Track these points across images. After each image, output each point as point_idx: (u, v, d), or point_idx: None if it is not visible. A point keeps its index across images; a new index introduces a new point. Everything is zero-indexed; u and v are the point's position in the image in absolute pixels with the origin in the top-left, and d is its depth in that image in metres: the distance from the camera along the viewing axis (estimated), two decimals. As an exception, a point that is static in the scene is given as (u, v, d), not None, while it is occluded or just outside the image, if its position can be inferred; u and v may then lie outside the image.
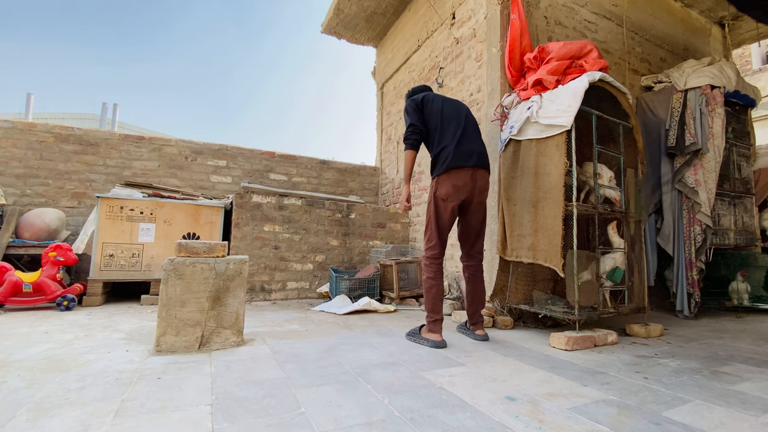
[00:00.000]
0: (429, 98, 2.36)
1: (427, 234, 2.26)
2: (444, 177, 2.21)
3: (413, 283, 3.83)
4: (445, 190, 2.19)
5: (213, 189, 4.50)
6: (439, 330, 2.13)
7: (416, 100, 2.35)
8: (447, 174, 2.20)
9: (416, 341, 2.14)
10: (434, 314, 2.16)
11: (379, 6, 4.73)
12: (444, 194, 2.19)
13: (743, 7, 3.06)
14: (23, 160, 3.81)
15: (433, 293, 2.19)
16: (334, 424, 1.15)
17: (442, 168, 2.21)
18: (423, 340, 2.12)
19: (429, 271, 2.22)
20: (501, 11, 3.05)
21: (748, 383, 1.60)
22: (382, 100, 5.43)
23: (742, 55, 9.25)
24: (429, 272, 2.22)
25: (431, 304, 2.18)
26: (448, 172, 2.20)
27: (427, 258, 2.23)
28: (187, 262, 1.94)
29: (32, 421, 1.13)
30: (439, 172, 2.22)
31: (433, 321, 2.15)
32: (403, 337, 2.30)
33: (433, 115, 2.31)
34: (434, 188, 2.23)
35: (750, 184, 3.66)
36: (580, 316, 2.23)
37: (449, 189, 2.18)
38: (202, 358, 1.79)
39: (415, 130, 2.27)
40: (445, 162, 2.21)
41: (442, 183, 2.21)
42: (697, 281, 3.17)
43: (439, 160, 2.25)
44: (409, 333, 2.24)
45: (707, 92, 3.25)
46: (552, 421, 1.21)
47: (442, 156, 2.23)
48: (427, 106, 2.33)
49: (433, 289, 2.19)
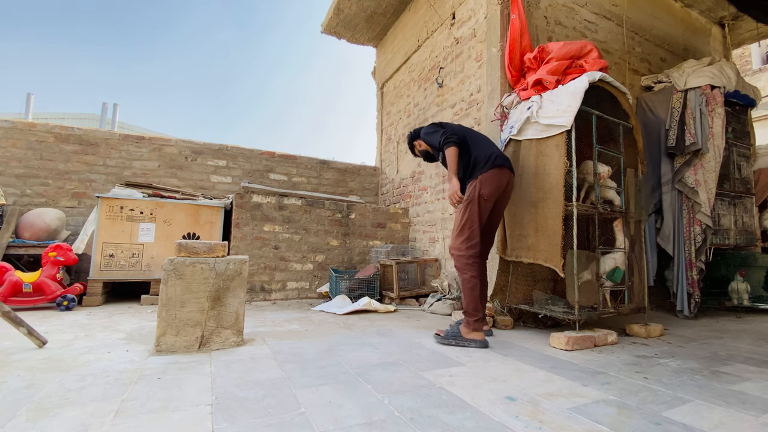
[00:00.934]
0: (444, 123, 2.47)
1: (465, 233, 2.21)
2: (489, 175, 2.21)
3: (413, 283, 3.83)
4: (489, 190, 2.20)
5: (213, 189, 4.50)
6: (482, 328, 2.13)
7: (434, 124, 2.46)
8: (492, 172, 2.22)
9: (459, 344, 2.09)
10: (478, 313, 2.13)
11: (379, 6, 4.73)
12: (488, 194, 2.20)
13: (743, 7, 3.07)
14: (23, 160, 3.81)
15: (477, 291, 2.16)
16: (334, 424, 1.15)
17: (486, 166, 2.22)
18: (469, 342, 2.08)
19: (472, 269, 2.17)
20: (501, 11, 3.05)
21: (748, 383, 1.60)
22: (382, 100, 5.43)
23: (742, 55, 9.25)
24: (473, 271, 2.17)
25: (475, 302, 2.14)
26: (493, 170, 2.22)
27: (470, 257, 2.18)
28: (187, 262, 1.94)
29: (32, 421, 1.13)
30: (484, 170, 2.22)
31: (478, 320, 2.12)
32: (403, 336, 2.29)
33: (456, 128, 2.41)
34: (478, 187, 2.21)
35: (750, 184, 3.65)
36: (580, 316, 2.23)
37: (492, 189, 2.21)
38: (202, 358, 1.79)
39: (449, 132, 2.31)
40: (488, 161, 2.23)
41: (486, 182, 2.21)
42: (697, 281, 3.17)
43: (479, 161, 2.26)
44: (447, 336, 2.15)
45: (707, 92, 3.25)
46: (552, 421, 1.21)
47: (482, 157, 2.26)
48: (446, 125, 2.42)
49: (478, 287, 2.16)
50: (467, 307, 2.16)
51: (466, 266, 2.19)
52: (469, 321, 2.13)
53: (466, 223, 2.21)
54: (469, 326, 2.13)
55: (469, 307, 2.15)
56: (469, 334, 2.11)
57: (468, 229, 2.21)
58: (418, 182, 4.27)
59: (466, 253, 2.19)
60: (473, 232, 2.20)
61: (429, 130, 2.46)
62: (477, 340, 2.07)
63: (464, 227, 2.22)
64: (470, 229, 2.20)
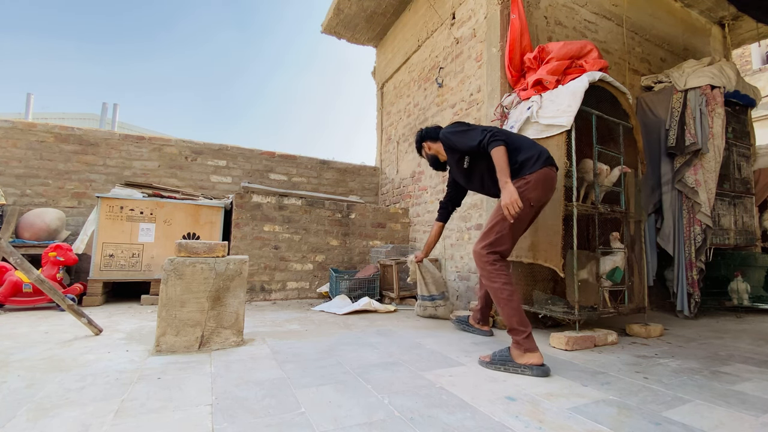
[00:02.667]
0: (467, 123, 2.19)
1: (491, 237, 1.87)
2: (540, 176, 1.88)
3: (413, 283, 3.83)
4: (538, 194, 1.88)
5: (213, 189, 4.50)
6: (537, 347, 1.71)
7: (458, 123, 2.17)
8: (544, 172, 1.90)
9: (510, 370, 1.68)
10: (527, 326, 1.74)
11: (379, 6, 4.73)
12: (536, 198, 1.88)
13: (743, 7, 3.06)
14: (23, 160, 3.81)
15: (516, 301, 1.78)
16: (334, 424, 1.15)
17: (537, 164, 1.89)
18: (524, 368, 1.66)
19: (502, 276, 1.82)
20: (501, 11, 3.05)
21: (748, 383, 1.60)
22: (382, 100, 5.43)
23: (742, 55, 9.25)
24: (503, 277, 1.82)
25: (518, 315, 1.75)
26: (544, 170, 1.90)
27: (495, 262, 1.85)
28: (187, 262, 1.94)
29: (32, 421, 1.13)
30: (533, 169, 1.89)
31: (528, 335, 1.71)
32: (403, 336, 2.29)
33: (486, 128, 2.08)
34: (522, 189, 1.86)
35: (750, 184, 3.65)
36: (580, 316, 2.23)
37: (541, 193, 1.90)
38: (202, 358, 1.79)
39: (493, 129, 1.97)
40: (537, 160, 1.91)
41: (536, 184, 1.88)
42: (697, 281, 3.17)
43: (528, 159, 1.92)
44: (495, 361, 1.74)
45: (707, 92, 3.25)
46: (552, 421, 1.21)
47: (531, 154, 1.93)
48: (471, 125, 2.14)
49: (515, 294, 1.80)
50: (509, 321, 1.75)
51: (495, 273, 1.84)
52: (518, 341, 1.71)
53: (496, 227, 1.88)
54: (520, 347, 1.70)
55: (513, 321, 1.74)
56: (522, 357, 1.68)
57: (495, 233, 1.87)
58: (418, 182, 4.27)
59: (490, 259, 1.86)
60: (501, 239, 1.87)
61: (457, 129, 2.10)
62: (534, 366, 1.64)
63: (491, 230, 1.89)
64: (498, 234, 1.87)
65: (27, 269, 1.88)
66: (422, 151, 2.44)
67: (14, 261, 1.82)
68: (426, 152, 2.41)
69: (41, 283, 1.99)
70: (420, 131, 2.39)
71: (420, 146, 2.43)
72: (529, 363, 1.66)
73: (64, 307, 2.05)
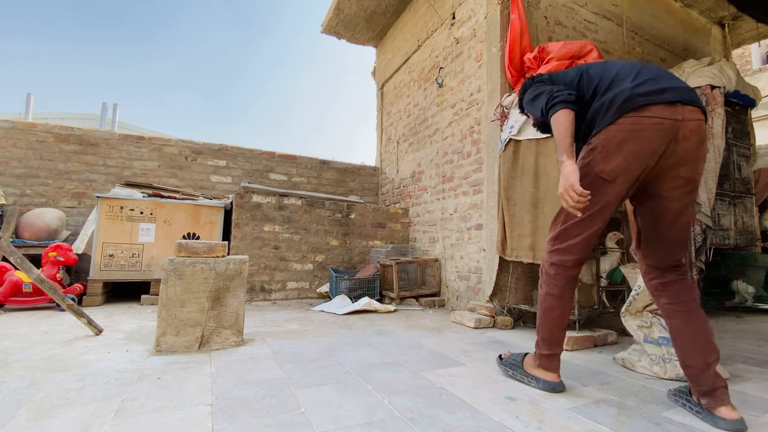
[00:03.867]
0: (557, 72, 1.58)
1: (557, 228, 1.46)
2: (612, 133, 1.29)
3: (413, 283, 3.83)
4: (615, 163, 1.29)
5: (213, 189, 4.50)
6: (556, 368, 1.49)
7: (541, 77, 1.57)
8: (618, 126, 1.28)
9: (516, 376, 1.57)
10: (552, 347, 1.48)
11: (379, 6, 4.73)
12: (613, 169, 1.29)
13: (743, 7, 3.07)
14: (23, 160, 3.81)
15: (555, 316, 1.46)
16: (334, 424, 1.15)
17: (604, 119, 1.31)
18: (530, 378, 1.51)
19: (550, 284, 1.47)
20: (501, 11, 3.05)
21: (748, 383, 1.60)
22: (382, 100, 5.43)
23: (742, 55, 9.25)
24: (550, 286, 1.47)
25: (549, 331, 1.48)
26: (620, 121, 1.27)
27: (553, 264, 1.46)
28: (187, 262, 1.94)
29: (32, 421, 1.13)
30: (601, 125, 1.32)
31: (549, 356, 1.49)
32: (403, 336, 2.29)
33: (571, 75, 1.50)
34: (593, 158, 1.33)
35: (750, 184, 3.65)
36: (580, 316, 2.23)
37: (622, 159, 1.28)
38: (202, 358, 1.79)
39: (556, 88, 1.41)
40: (610, 107, 1.30)
41: (603, 152, 1.31)
42: (697, 281, 3.17)
43: (598, 110, 1.34)
44: (508, 363, 1.63)
45: (707, 92, 3.24)
46: (552, 421, 1.21)
47: (604, 100, 1.34)
48: (559, 76, 1.54)
49: (557, 311, 1.46)
50: (538, 333, 1.53)
51: (546, 277, 1.50)
52: (539, 354, 1.52)
53: (561, 213, 1.45)
54: (535, 360, 1.53)
55: (538, 335, 1.52)
56: (535, 370, 1.52)
57: (560, 223, 1.45)
58: (418, 182, 4.27)
59: (550, 258, 1.47)
60: (568, 231, 1.42)
61: (529, 96, 1.54)
62: (540, 379, 1.48)
63: (558, 219, 1.47)
64: (563, 224, 1.43)
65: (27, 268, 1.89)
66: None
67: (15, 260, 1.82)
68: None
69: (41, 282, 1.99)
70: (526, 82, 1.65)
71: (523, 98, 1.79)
72: (537, 375, 1.50)
73: (64, 306, 2.06)
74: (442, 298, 3.58)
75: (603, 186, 1.32)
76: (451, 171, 3.64)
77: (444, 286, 3.61)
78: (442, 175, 3.78)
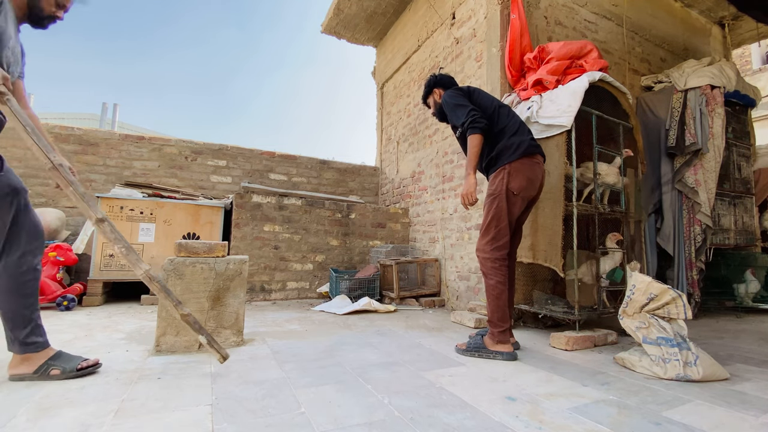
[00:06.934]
0: (473, 89, 2.16)
1: (491, 232, 1.96)
2: (517, 165, 1.95)
3: (413, 283, 3.83)
4: (519, 183, 1.94)
5: (213, 189, 4.50)
6: (508, 340, 1.93)
7: (462, 89, 2.15)
8: (521, 162, 1.95)
9: (483, 355, 1.89)
10: (504, 323, 1.92)
11: (379, 6, 4.73)
12: (518, 187, 1.94)
13: (743, 7, 3.06)
14: (23, 160, 3.81)
15: (503, 299, 1.94)
16: (334, 424, 1.15)
17: (515, 154, 1.95)
18: (495, 354, 1.87)
19: (498, 274, 1.94)
20: (501, 11, 3.05)
21: (748, 383, 1.60)
22: (382, 100, 5.43)
23: (742, 55, 9.25)
24: (498, 276, 1.94)
25: (501, 311, 1.92)
26: (522, 159, 1.95)
27: (496, 260, 1.95)
28: (187, 262, 1.94)
29: (32, 421, 1.13)
30: (511, 159, 1.95)
31: (503, 331, 1.91)
32: (403, 336, 2.29)
33: (485, 103, 2.10)
34: (505, 179, 1.95)
35: (750, 184, 3.65)
36: (580, 316, 2.23)
37: (523, 182, 1.95)
38: (202, 358, 1.79)
39: (477, 113, 1.99)
40: (518, 148, 1.96)
41: (515, 174, 1.95)
42: (697, 281, 3.17)
43: (507, 148, 1.98)
44: (470, 348, 1.94)
45: (707, 92, 3.25)
46: (552, 421, 1.21)
47: (511, 142, 1.98)
48: (474, 95, 2.13)
49: (504, 294, 1.94)
50: (492, 316, 1.94)
51: (492, 270, 1.95)
52: (493, 332, 1.92)
53: (492, 221, 1.97)
54: (494, 338, 1.91)
55: (494, 317, 1.93)
56: (496, 346, 1.89)
57: (494, 228, 1.96)
58: (418, 182, 4.27)
59: (492, 256, 1.95)
60: (500, 232, 1.95)
61: (453, 100, 2.09)
62: (504, 353, 1.86)
63: (490, 226, 1.97)
64: (496, 228, 1.95)
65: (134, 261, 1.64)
66: (429, 98, 2.34)
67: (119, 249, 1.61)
68: (435, 100, 2.29)
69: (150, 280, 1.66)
70: (433, 76, 2.29)
71: (428, 93, 2.32)
72: (499, 350, 1.88)
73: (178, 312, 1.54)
74: (442, 298, 3.58)
75: (512, 197, 1.95)
76: (451, 171, 3.64)
77: (444, 286, 3.61)
78: (442, 175, 3.78)
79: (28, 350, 1.45)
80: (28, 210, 1.50)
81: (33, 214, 1.52)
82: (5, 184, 1.44)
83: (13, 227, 1.45)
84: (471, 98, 2.10)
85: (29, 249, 1.47)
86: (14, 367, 1.45)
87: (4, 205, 1.43)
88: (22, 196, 1.48)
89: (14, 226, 1.45)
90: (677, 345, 1.68)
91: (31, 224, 1.49)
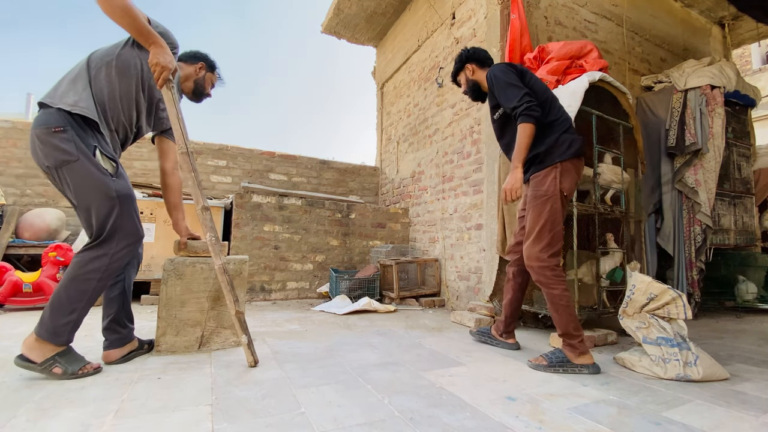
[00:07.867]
0: (527, 71, 1.93)
1: (545, 238, 1.76)
2: (568, 165, 1.77)
3: (413, 283, 3.83)
4: (570, 185, 1.78)
5: (213, 189, 4.50)
6: (588, 350, 1.75)
7: (515, 66, 1.92)
8: (571, 162, 1.78)
9: (568, 371, 1.69)
10: (580, 332, 1.74)
11: (379, 6, 4.73)
12: (569, 189, 1.77)
13: (743, 7, 3.06)
14: (23, 160, 3.81)
15: (572, 307, 1.76)
16: (334, 424, 1.15)
17: (567, 153, 1.76)
18: (581, 368, 1.69)
19: (561, 281, 1.75)
20: (501, 11, 3.05)
21: (748, 383, 1.60)
22: (382, 100, 5.43)
23: (742, 55, 9.25)
24: (562, 283, 1.74)
25: (575, 321, 1.74)
26: (573, 160, 1.78)
27: (555, 267, 1.76)
28: (187, 262, 1.94)
29: (32, 421, 1.13)
30: (563, 158, 1.76)
31: (582, 340, 1.73)
32: (403, 336, 2.29)
33: (539, 89, 1.88)
34: (557, 179, 1.75)
35: (750, 184, 3.65)
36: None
37: (573, 184, 1.79)
38: (202, 358, 1.79)
39: (533, 100, 1.77)
40: (571, 147, 1.77)
41: (566, 174, 1.77)
42: (697, 281, 3.17)
43: (560, 144, 1.78)
44: (553, 363, 1.73)
45: (707, 92, 3.25)
46: (552, 421, 1.21)
47: (564, 138, 1.79)
48: (527, 77, 1.90)
49: (572, 303, 1.77)
50: (566, 327, 1.74)
51: (554, 279, 1.75)
52: (573, 344, 1.72)
53: (546, 225, 1.76)
54: (575, 349, 1.72)
55: (569, 327, 1.73)
56: (581, 358, 1.71)
57: (548, 232, 1.76)
58: (418, 182, 4.27)
59: (550, 263, 1.75)
60: (555, 237, 1.76)
61: (506, 78, 1.85)
62: (589, 365, 1.69)
63: (543, 230, 1.76)
64: (551, 232, 1.76)
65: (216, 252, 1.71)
66: (460, 75, 2.13)
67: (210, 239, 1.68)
68: (466, 77, 2.08)
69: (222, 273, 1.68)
70: (465, 49, 2.08)
71: (460, 68, 2.10)
72: (584, 363, 1.70)
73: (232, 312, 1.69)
74: (442, 298, 3.58)
75: (561, 197, 1.77)
76: (451, 171, 3.64)
77: (444, 286, 3.61)
78: (442, 175, 3.78)
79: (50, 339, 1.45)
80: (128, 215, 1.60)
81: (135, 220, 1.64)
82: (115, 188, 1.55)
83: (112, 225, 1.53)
84: (523, 80, 1.87)
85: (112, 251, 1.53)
86: (28, 348, 1.45)
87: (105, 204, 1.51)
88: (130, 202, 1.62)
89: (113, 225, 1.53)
90: (677, 345, 1.68)
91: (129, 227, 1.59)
